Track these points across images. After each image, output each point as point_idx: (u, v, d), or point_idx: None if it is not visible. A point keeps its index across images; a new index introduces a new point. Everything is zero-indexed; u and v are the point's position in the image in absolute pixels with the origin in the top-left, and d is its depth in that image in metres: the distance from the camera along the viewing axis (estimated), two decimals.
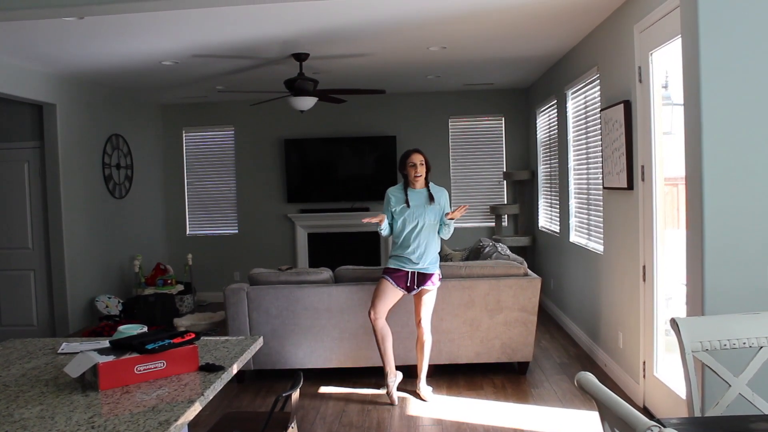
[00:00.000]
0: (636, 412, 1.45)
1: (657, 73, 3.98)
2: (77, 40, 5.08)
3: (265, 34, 5.05)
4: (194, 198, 8.96)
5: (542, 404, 4.40)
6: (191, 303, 7.94)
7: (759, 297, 2.99)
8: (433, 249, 4.53)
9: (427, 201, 4.51)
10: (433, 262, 4.51)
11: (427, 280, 4.48)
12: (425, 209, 4.50)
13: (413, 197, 4.54)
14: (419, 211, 4.50)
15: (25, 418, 1.87)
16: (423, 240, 4.47)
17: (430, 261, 4.50)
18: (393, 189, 4.66)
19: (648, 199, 4.04)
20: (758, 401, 2.28)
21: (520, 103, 8.57)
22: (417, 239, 4.46)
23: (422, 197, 4.54)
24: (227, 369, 2.30)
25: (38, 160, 6.67)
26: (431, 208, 4.50)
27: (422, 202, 4.52)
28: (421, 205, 4.50)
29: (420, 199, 4.53)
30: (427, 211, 4.50)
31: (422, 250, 4.46)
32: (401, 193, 4.58)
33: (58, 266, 6.63)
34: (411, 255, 4.45)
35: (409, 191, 4.57)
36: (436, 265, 4.53)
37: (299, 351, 4.95)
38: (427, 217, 4.49)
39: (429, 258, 4.49)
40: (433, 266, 4.50)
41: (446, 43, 5.62)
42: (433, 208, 4.51)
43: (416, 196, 4.54)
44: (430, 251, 4.50)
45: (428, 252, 4.49)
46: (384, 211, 4.62)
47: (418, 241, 4.46)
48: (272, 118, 8.66)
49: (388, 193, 4.64)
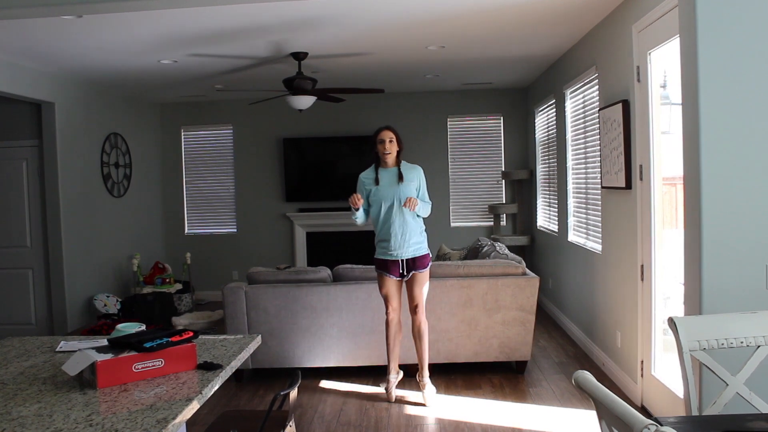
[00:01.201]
0: (633, 411, 1.45)
1: (655, 73, 3.98)
2: (76, 38, 5.08)
3: (264, 31, 5.05)
4: (193, 197, 8.96)
5: (540, 403, 4.41)
6: (190, 302, 7.93)
7: (757, 296, 2.99)
8: (416, 230, 4.40)
9: (397, 179, 4.38)
10: (418, 244, 4.39)
11: (418, 264, 4.39)
12: (397, 188, 4.36)
13: (383, 176, 4.41)
14: (390, 191, 4.36)
15: (23, 416, 1.87)
16: (400, 222, 4.34)
17: (415, 243, 4.38)
18: (364, 172, 4.55)
19: (646, 199, 4.04)
20: (755, 400, 2.29)
21: (518, 103, 8.57)
22: (394, 222, 4.34)
23: (393, 175, 4.41)
24: (225, 367, 2.30)
25: (37, 158, 6.66)
26: (403, 186, 4.36)
27: (393, 180, 4.39)
28: (392, 184, 4.37)
29: (391, 177, 4.40)
30: (399, 190, 4.36)
31: (401, 233, 4.34)
32: (372, 173, 4.47)
33: (56, 265, 6.63)
34: (393, 241, 4.35)
35: (380, 171, 4.44)
36: (423, 245, 4.42)
37: (297, 350, 4.96)
38: (401, 195, 4.34)
39: (413, 241, 4.36)
40: (419, 248, 4.39)
41: (445, 42, 5.62)
42: (407, 185, 4.37)
43: (386, 175, 4.42)
44: (412, 233, 4.37)
45: (410, 234, 4.36)
46: None
47: (396, 224, 4.34)
48: (271, 117, 8.66)
49: (360, 176, 4.53)
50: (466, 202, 8.62)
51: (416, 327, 4.50)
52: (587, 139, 5.51)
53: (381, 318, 4.86)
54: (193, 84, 7.34)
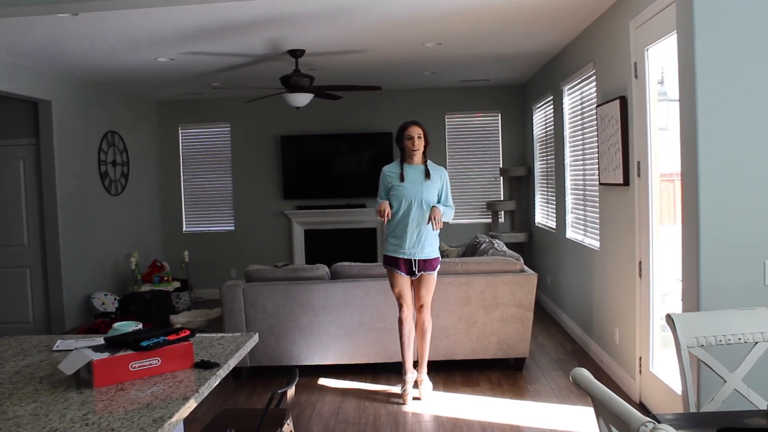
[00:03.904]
0: (630, 408, 1.45)
1: (653, 69, 3.98)
2: (72, 36, 5.06)
3: (261, 29, 5.04)
4: (190, 195, 8.95)
5: (538, 400, 4.41)
6: (187, 300, 7.93)
7: (754, 292, 2.99)
8: (432, 233, 4.27)
9: (423, 177, 4.23)
10: (432, 246, 4.28)
11: (428, 266, 4.30)
12: (422, 186, 4.22)
13: (409, 172, 4.27)
14: (415, 188, 4.22)
15: (19, 415, 1.87)
16: (418, 222, 4.21)
17: (429, 245, 4.26)
18: (388, 166, 4.42)
19: (644, 195, 4.04)
20: (753, 396, 2.29)
21: (516, 99, 8.57)
22: (412, 221, 4.21)
23: (419, 173, 4.25)
24: (222, 366, 2.30)
25: (34, 157, 6.65)
26: (428, 184, 4.21)
27: (419, 178, 4.23)
28: (418, 182, 4.22)
29: (416, 174, 4.25)
30: (424, 188, 4.21)
31: (417, 234, 4.21)
32: (397, 168, 4.32)
33: (53, 263, 6.62)
34: (408, 241, 4.22)
35: (405, 167, 4.29)
36: (436, 248, 4.31)
37: (295, 348, 4.95)
38: (424, 195, 4.21)
39: (427, 243, 4.25)
40: (432, 250, 4.29)
41: (442, 39, 5.61)
42: (431, 186, 4.22)
43: (412, 172, 4.27)
44: (428, 235, 4.24)
45: (425, 236, 4.23)
46: (380, 195, 4.37)
47: (414, 224, 4.21)
48: (268, 115, 8.64)
49: (383, 170, 4.40)
50: (464, 199, 8.61)
51: (420, 324, 4.46)
52: (585, 136, 5.51)
53: (379, 315, 4.86)
54: (191, 82, 7.32)
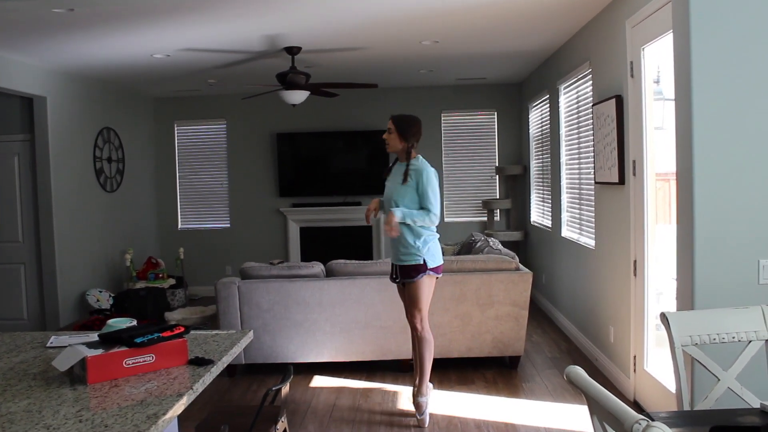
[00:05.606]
0: (624, 406, 1.45)
1: (649, 68, 3.99)
2: (67, 32, 5.04)
3: (259, 27, 5.02)
4: (186, 192, 8.93)
5: (533, 398, 4.42)
6: (183, 297, 7.91)
7: (748, 291, 3.00)
8: (407, 237, 3.84)
9: (402, 177, 3.87)
10: (406, 253, 3.85)
11: (404, 274, 3.89)
12: (397, 188, 3.88)
13: (393, 171, 4.01)
14: (390, 189, 3.93)
15: (12, 411, 1.86)
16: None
17: (404, 250, 3.85)
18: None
19: (639, 194, 4.05)
20: (747, 395, 2.30)
21: (512, 98, 8.57)
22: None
23: (399, 173, 3.93)
24: (217, 363, 2.29)
25: (28, 153, 6.62)
26: (403, 186, 3.84)
27: (398, 178, 3.90)
28: (396, 182, 3.91)
29: (397, 174, 3.94)
30: (397, 190, 3.87)
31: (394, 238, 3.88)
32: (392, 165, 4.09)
33: (48, 260, 6.60)
34: (391, 245, 3.97)
35: (396, 164, 4.02)
36: (413, 255, 3.84)
37: (290, 345, 4.95)
38: (394, 196, 3.86)
39: (401, 247, 3.86)
40: (408, 258, 3.85)
41: (439, 37, 5.61)
42: (405, 188, 3.84)
43: (396, 171, 3.99)
44: (401, 240, 3.85)
45: (401, 241, 3.85)
46: None
47: None
48: (264, 112, 8.63)
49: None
50: (460, 198, 8.62)
51: (412, 338, 4.11)
52: (581, 135, 5.51)
53: (374, 313, 4.87)
54: (187, 78, 7.30)
